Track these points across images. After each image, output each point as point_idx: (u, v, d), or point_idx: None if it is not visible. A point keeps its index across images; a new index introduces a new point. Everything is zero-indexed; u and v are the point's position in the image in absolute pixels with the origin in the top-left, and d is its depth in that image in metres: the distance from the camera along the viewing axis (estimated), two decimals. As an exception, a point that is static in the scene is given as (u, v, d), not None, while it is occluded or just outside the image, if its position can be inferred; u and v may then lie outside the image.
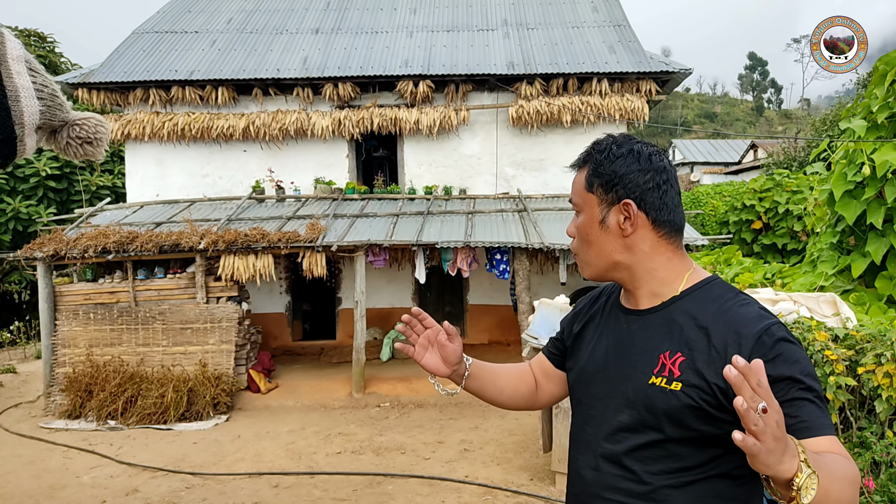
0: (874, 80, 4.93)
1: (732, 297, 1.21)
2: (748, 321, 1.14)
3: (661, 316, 1.24)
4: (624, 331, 1.30)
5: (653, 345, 1.22)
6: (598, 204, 1.27)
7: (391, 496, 4.90)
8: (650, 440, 1.19)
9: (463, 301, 10.70)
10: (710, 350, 1.14)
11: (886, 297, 4.42)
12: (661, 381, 1.17)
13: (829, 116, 16.76)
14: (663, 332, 1.22)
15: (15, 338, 12.28)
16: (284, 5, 11.47)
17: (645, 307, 1.28)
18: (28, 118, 1.46)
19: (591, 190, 1.28)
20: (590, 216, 1.28)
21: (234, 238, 7.70)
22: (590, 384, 1.33)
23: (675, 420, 1.16)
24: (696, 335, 1.17)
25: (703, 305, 1.20)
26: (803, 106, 64.69)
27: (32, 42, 17.12)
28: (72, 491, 5.21)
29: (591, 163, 1.29)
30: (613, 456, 1.24)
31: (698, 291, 1.24)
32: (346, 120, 9.42)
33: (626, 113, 9.30)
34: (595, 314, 1.42)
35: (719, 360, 1.11)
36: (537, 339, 4.98)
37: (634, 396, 1.21)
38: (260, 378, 8.03)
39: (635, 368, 1.23)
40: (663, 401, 1.16)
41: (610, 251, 1.27)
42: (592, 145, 1.32)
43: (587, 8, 11.04)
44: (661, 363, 1.19)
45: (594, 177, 1.28)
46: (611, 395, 1.27)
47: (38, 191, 13.10)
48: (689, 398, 1.13)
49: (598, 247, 1.28)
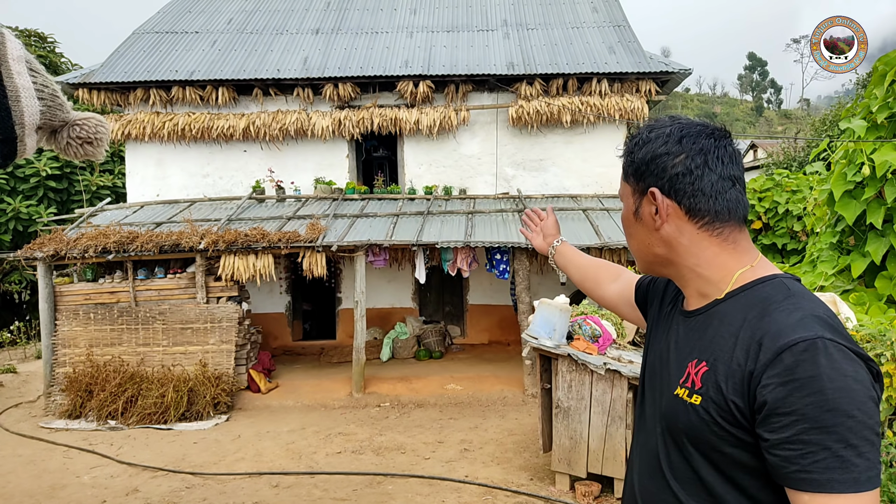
0: (874, 81, 4.94)
1: (781, 300, 1.01)
2: (779, 330, 0.95)
3: (703, 319, 1.11)
4: (671, 333, 1.20)
5: (686, 351, 1.11)
6: (631, 194, 1.19)
7: (391, 496, 4.90)
8: (679, 459, 1.08)
9: (463, 301, 10.70)
10: (731, 361, 0.99)
11: (886, 297, 4.42)
12: (684, 392, 1.06)
13: (828, 116, 16.76)
14: (697, 338, 1.10)
15: (15, 338, 12.29)
16: (284, 6, 11.48)
17: (692, 308, 1.16)
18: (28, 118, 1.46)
19: (625, 179, 1.21)
20: (627, 207, 1.21)
21: (234, 238, 7.71)
22: (644, 386, 1.28)
23: (697, 438, 1.03)
24: (724, 343, 1.03)
25: (744, 309, 1.04)
26: (803, 106, 64.69)
27: (33, 42, 17.12)
28: (72, 491, 5.21)
29: (628, 149, 1.20)
30: (656, 469, 1.14)
31: (746, 293, 1.07)
32: (346, 120, 9.43)
33: (625, 113, 9.30)
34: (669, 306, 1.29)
35: (738, 374, 0.97)
36: (537, 339, 4.98)
37: (665, 408, 1.12)
38: (260, 378, 8.03)
39: (670, 376, 1.13)
40: (684, 415, 1.05)
41: (648, 244, 1.16)
42: (636, 134, 1.23)
43: (587, 8, 11.04)
44: (687, 373, 1.07)
45: (627, 165, 1.20)
46: (655, 403, 1.19)
47: (39, 191, 13.11)
48: (707, 414, 1.00)
49: (637, 239, 1.20)
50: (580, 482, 4.75)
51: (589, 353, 4.77)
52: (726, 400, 0.98)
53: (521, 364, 7.99)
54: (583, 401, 4.76)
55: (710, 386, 1.01)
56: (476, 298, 10.56)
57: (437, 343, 9.70)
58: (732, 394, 0.97)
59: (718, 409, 0.99)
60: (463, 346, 10.24)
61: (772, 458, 0.93)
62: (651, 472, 1.16)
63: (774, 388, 0.91)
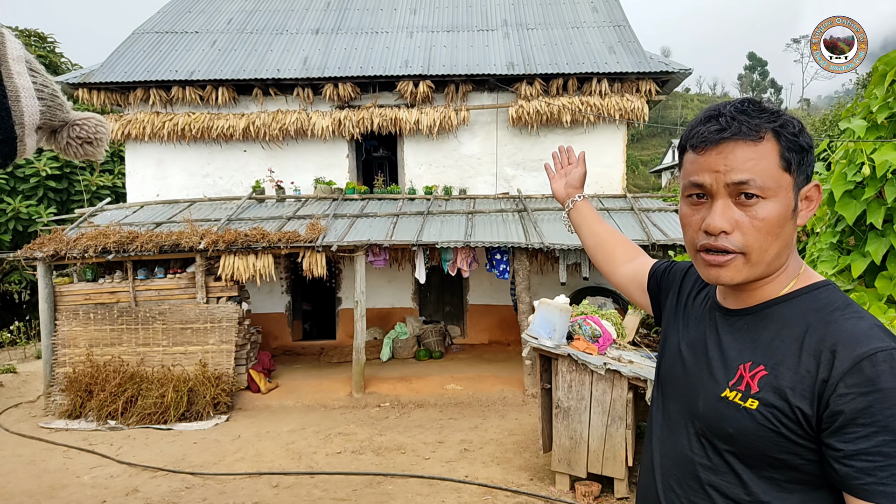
0: (874, 81, 4.94)
1: (842, 307, 0.99)
2: (853, 338, 0.92)
3: (753, 320, 1.06)
4: (709, 330, 1.12)
5: (734, 352, 1.05)
6: (793, 187, 1.00)
7: (391, 496, 4.90)
8: (719, 462, 1.03)
9: (463, 301, 10.70)
10: (798, 367, 0.95)
11: (886, 297, 4.42)
12: (735, 395, 1.00)
13: (828, 116, 16.76)
14: (750, 339, 1.04)
15: (15, 338, 12.29)
16: (284, 6, 11.48)
17: (742, 307, 1.09)
18: (28, 118, 1.46)
19: (789, 170, 0.99)
20: (786, 203, 0.99)
21: (234, 238, 7.70)
22: (667, 382, 1.18)
23: (747, 444, 0.98)
24: (785, 347, 0.98)
25: (805, 314, 1.00)
26: (803, 106, 64.70)
27: (33, 42, 17.12)
28: (72, 491, 5.21)
29: (786, 134, 0.99)
30: (681, 469, 1.09)
31: (804, 296, 1.03)
32: (346, 120, 9.42)
33: (625, 113, 9.30)
34: (689, 299, 1.23)
35: (808, 381, 0.93)
36: (537, 339, 4.98)
37: (704, 409, 1.05)
38: (260, 378, 8.03)
39: (711, 376, 1.06)
40: (735, 420, 0.99)
41: (789, 245, 1.03)
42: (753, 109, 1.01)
43: (587, 8, 11.04)
44: (740, 375, 1.02)
45: (792, 151, 0.99)
46: (683, 401, 1.12)
47: (38, 191, 13.11)
48: (765, 419, 0.96)
49: (785, 241, 1.01)
50: (580, 482, 4.75)
51: (589, 353, 4.77)
52: (791, 407, 0.94)
53: (521, 364, 7.99)
54: (583, 401, 4.76)
55: (770, 391, 0.97)
56: (476, 298, 10.56)
57: (437, 343, 9.70)
58: (799, 401, 0.94)
59: (780, 415, 0.95)
60: (463, 346, 10.23)
61: (843, 469, 0.90)
62: (680, 474, 1.10)
63: (854, 399, 0.88)
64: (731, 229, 1.00)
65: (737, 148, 0.98)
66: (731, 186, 0.99)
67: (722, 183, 0.99)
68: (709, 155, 1.00)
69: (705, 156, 1.01)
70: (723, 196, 1.00)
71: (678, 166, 1.12)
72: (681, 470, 1.10)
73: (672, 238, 7.83)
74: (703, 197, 1.03)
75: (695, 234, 1.05)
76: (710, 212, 1.01)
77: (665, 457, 1.15)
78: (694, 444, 1.07)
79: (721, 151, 0.99)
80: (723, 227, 0.99)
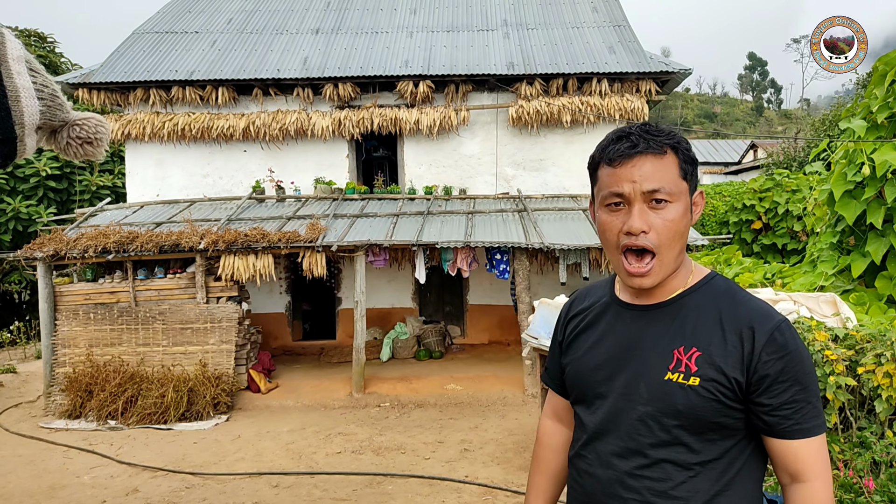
0: (874, 81, 4.94)
1: (737, 290, 1.24)
2: (760, 316, 1.17)
3: (669, 312, 1.23)
4: (629, 326, 1.27)
5: (665, 341, 1.21)
6: (687, 192, 1.21)
7: (391, 496, 4.90)
8: (667, 438, 1.18)
9: (463, 301, 10.70)
10: (725, 345, 1.16)
11: (886, 297, 4.42)
12: (677, 376, 1.17)
13: (828, 116, 16.75)
14: (675, 329, 1.21)
15: (15, 338, 12.29)
16: (284, 5, 11.48)
17: (654, 301, 1.25)
18: (28, 118, 1.46)
19: (686, 178, 1.21)
20: (685, 205, 1.20)
21: (234, 238, 7.70)
22: (594, 383, 1.29)
23: (694, 415, 1.16)
24: (709, 329, 1.18)
25: (714, 300, 1.22)
26: (803, 106, 64.69)
27: (32, 42, 17.12)
28: (72, 491, 5.21)
29: (682, 149, 1.21)
30: (629, 453, 1.21)
31: (706, 286, 1.24)
32: (346, 120, 9.42)
33: (625, 113, 9.30)
34: (588, 313, 1.37)
35: (736, 355, 1.15)
36: (537, 339, 4.98)
37: (649, 394, 1.19)
38: (260, 378, 8.03)
39: (649, 365, 1.21)
40: (682, 397, 1.16)
41: (685, 243, 1.24)
42: (654, 130, 1.20)
43: (587, 8, 11.04)
44: (676, 359, 1.18)
45: (688, 163, 1.21)
46: (619, 394, 1.23)
47: (38, 191, 13.10)
48: (708, 392, 1.15)
49: (685, 240, 1.23)
50: (580, 482, 4.74)
51: (589, 353, 4.75)
52: (728, 378, 1.15)
53: (521, 364, 7.99)
54: (583, 401, 4.75)
55: (708, 368, 1.16)
56: (476, 298, 10.56)
57: (437, 343, 9.70)
58: (733, 371, 1.14)
59: (720, 386, 1.15)
60: (463, 346, 10.24)
61: (770, 419, 1.15)
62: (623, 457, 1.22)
63: (774, 363, 1.14)
64: (648, 229, 1.18)
65: (647, 161, 1.17)
66: (646, 193, 1.17)
67: (639, 191, 1.17)
68: (624, 168, 1.18)
69: (621, 168, 1.18)
70: (639, 202, 1.18)
71: (591, 182, 1.29)
72: (629, 460, 1.22)
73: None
74: (621, 205, 1.20)
75: (617, 236, 1.21)
76: (629, 216, 1.18)
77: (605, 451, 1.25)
78: (640, 428, 1.20)
79: (635, 164, 1.17)
80: (642, 227, 1.17)
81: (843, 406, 3.23)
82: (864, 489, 2.91)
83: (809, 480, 1.14)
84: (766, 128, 52.95)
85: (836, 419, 3.23)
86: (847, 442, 3.21)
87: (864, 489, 2.91)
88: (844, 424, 3.28)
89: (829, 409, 3.20)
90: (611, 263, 1.27)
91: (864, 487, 2.91)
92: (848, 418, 3.26)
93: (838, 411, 3.24)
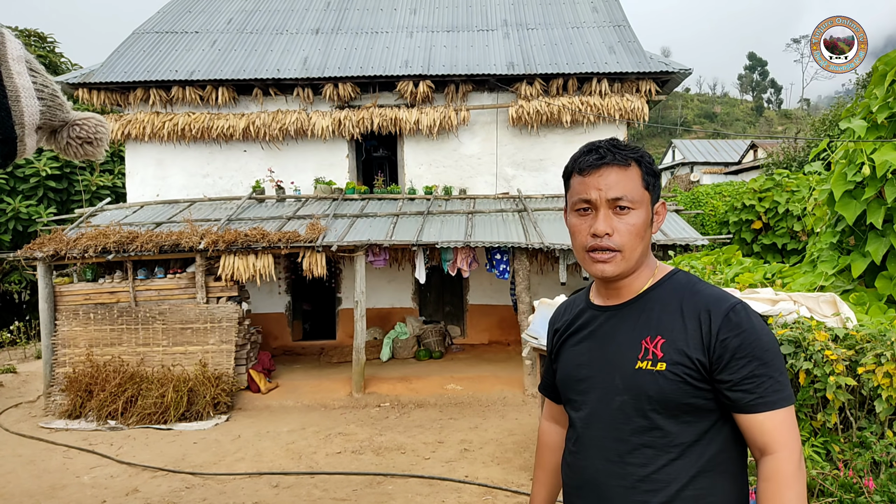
0: (874, 80, 4.93)
1: (697, 281, 1.36)
2: (716, 300, 1.28)
3: (637, 308, 1.35)
4: (603, 326, 1.39)
5: (634, 333, 1.32)
6: (650, 202, 1.35)
7: (391, 496, 4.90)
8: (645, 424, 1.27)
9: (463, 301, 10.70)
10: (685, 329, 1.26)
11: (886, 297, 4.42)
12: (646, 364, 1.27)
13: (828, 116, 16.75)
14: (642, 321, 1.32)
15: (15, 338, 12.29)
16: (284, 5, 11.48)
17: (623, 301, 1.37)
18: (28, 118, 1.46)
19: (648, 188, 1.34)
20: (647, 213, 1.34)
21: (234, 238, 7.70)
22: (580, 381, 1.40)
23: (665, 399, 1.25)
24: (671, 318, 1.29)
25: (675, 292, 1.33)
26: (803, 106, 64.69)
27: (32, 42, 17.12)
28: (72, 491, 5.21)
29: (645, 162, 1.35)
30: (612, 441, 1.31)
31: (669, 281, 1.37)
32: (346, 120, 9.42)
33: (625, 113, 9.30)
34: (569, 323, 1.49)
35: (696, 337, 1.25)
36: (537, 338, 4.98)
37: (623, 384, 1.30)
38: (260, 378, 8.03)
39: (622, 357, 1.31)
40: (652, 382, 1.25)
41: (648, 246, 1.37)
42: (621, 145, 1.35)
43: (587, 8, 11.04)
44: (644, 348, 1.29)
45: (650, 176, 1.35)
46: (599, 388, 1.35)
47: (38, 191, 13.10)
48: (675, 375, 1.24)
49: (646, 243, 1.36)
50: (580, 482, 4.74)
51: (589, 353, 4.76)
52: (691, 359, 1.24)
53: (521, 364, 7.99)
54: (583, 401, 4.75)
55: (672, 352, 1.26)
56: (476, 298, 10.56)
57: (437, 343, 9.70)
58: (695, 353, 1.24)
59: (685, 368, 1.24)
60: (463, 346, 10.24)
61: (734, 395, 1.23)
62: (607, 447, 1.32)
63: (731, 340, 1.22)
64: (612, 232, 1.31)
65: (612, 172, 1.31)
66: (611, 201, 1.31)
67: (604, 198, 1.31)
68: (592, 177, 1.32)
69: (590, 177, 1.33)
70: (604, 207, 1.31)
71: (565, 189, 1.44)
72: (612, 448, 1.31)
73: (672, 238, 7.84)
74: (589, 210, 1.34)
75: (584, 238, 1.35)
76: (595, 220, 1.32)
77: (594, 443, 1.35)
78: (619, 417, 1.30)
79: (602, 174, 1.32)
80: (606, 230, 1.31)
81: (843, 406, 3.23)
82: (864, 489, 2.91)
83: (776, 451, 1.21)
84: (766, 128, 52.94)
85: (836, 419, 3.23)
86: (847, 442, 3.21)
87: (864, 489, 2.91)
88: (844, 424, 3.28)
89: (829, 409, 3.20)
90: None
91: (864, 487, 2.91)
92: (848, 418, 3.25)
93: (838, 411, 3.24)
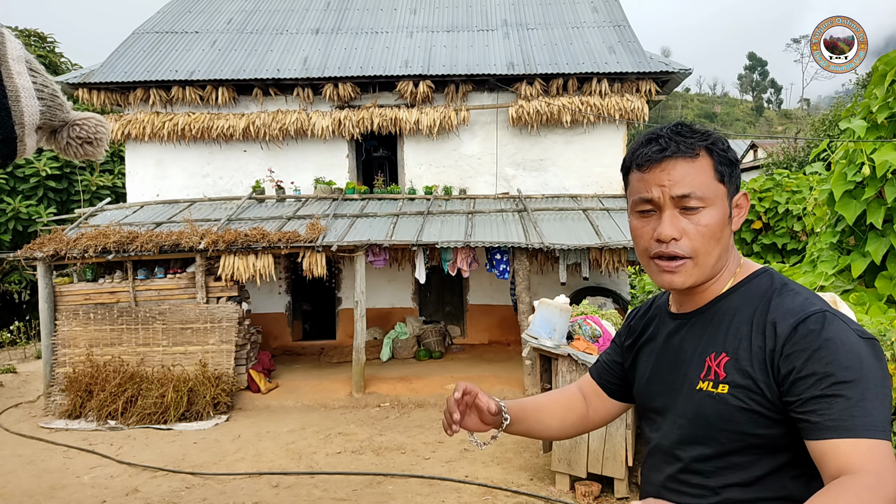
0: (874, 80, 4.94)
1: (779, 287, 1.13)
2: (788, 311, 1.06)
3: (707, 316, 1.18)
4: (673, 338, 1.23)
5: (700, 348, 1.16)
6: (727, 196, 1.14)
7: (391, 496, 4.90)
8: (709, 452, 1.11)
9: (463, 301, 10.70)
10: (751, 345, 1.07)
11: (886, 297, 4.42)
12: (707, 385, 1.11)
13: (828, 116, 16.75)
14: (709, 334, 1.15)
15: (15, 338, 12.29)
16: (284, 5, 11.48)
17: (694, 309, 1.20)
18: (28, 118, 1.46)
19: (722, 181, 1.13)
20: (723, 210, 1.13)
21: (234, 238, 7.70)
22: (651, 399, 1.27)
23: (728, 427, 1.08)
24: (738, 333, 1.11)
25: (751, 299, 1.13)
26: (803, 106, 64.69)
27: (32, 42, 17.12)
28: (72, 491, 5.21)
29: (717, 150, 1.13)
30: (677, 470, 1.18)
31: (747, 285, 1.16)
32: (346, 120, 9.42)
33: (625, 113, 9.30)
34: (648, 325, 1.35)
35: (760, 355, 1.06)
36: (537, 339, 4.98)
37: (685, 406, 1.15)
38: (260, 378, 8.03)
39: (686, 376, 1.16)
40: (712, 406, 1.09)
41: (727, 248, 1.16)
42: (686, 131, 1.14)
43: (587, 8, 11.04)
44: (707, 366, 1.12)
45: (724, 165, 1.13)
46: (668, 409, 1.21)
47: (38, 191, 13.11)
48: (738, 400, 1.06)
49: (724, 244, 1.15)
50: (580, 482, 4.75)
51: (589, 353, 4.77)
52: (755, 381, 1.05)
53: (521, 364, 7.99)
54: (583, 401, 4.75)
55: (735, 373, 1.07)
56: (476, 298, 10.56)
57: (437, 343, 9.70)
58: (759, 373, 1.05)
59: (747, 392, 1.05)
60: (463, 346, 10.23)
61: (801, 417, 0.99)
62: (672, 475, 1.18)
63: (796, 357, 1.01)
64: (679, 236, 1.12)
65: (677, 164, 1.11)
66: (676, 199, 1.11)
67: (668, 196, 1.11)
68: (653, 172, 1.13)
69: (651, 173, 1.13)
70: (669, 207, 1.12)
71: (624, 187, 1.23)
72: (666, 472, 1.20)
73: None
74: (652, 210, 1.14)
75: (647, 243, 1.16)
76: (659, 222, 1.13)
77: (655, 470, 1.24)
78: (680, 442, 1.17)
79: (664, 168, 1.12)
80: (672, 234, 1.11)
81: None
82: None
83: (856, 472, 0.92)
84: (766, 128, 52.94)
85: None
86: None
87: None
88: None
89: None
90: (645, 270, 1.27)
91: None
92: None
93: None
